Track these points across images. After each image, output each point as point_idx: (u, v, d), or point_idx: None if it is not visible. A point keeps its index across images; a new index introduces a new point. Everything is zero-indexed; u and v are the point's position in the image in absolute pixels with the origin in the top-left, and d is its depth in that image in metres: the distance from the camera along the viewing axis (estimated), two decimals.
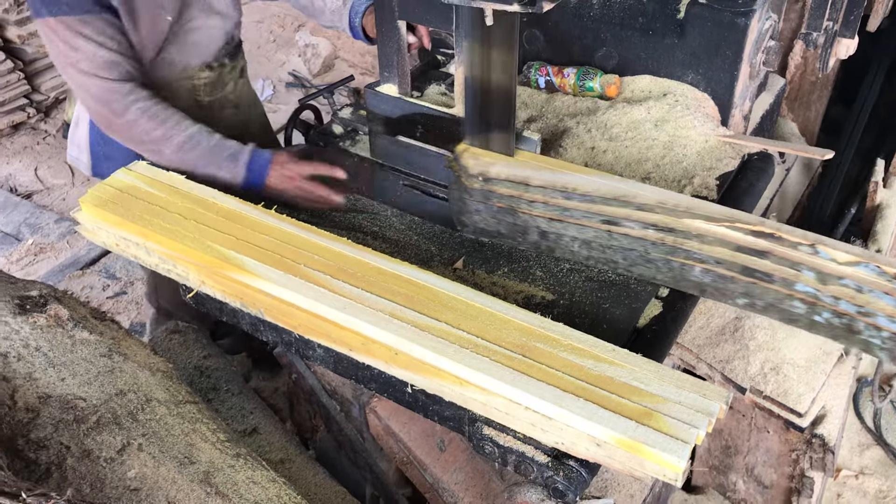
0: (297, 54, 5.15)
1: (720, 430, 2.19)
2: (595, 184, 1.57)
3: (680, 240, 1.50)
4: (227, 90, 2.21)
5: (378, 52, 1.87)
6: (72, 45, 1.77)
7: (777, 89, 2.52)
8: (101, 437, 1.37)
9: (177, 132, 1.85)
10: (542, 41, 2.28)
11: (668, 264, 1.53)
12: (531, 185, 1.60)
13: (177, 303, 2.45)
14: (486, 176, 1.65)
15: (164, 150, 1.86)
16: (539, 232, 1.62)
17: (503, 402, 1.34)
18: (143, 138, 1.86)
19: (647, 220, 1.52)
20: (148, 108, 1.84)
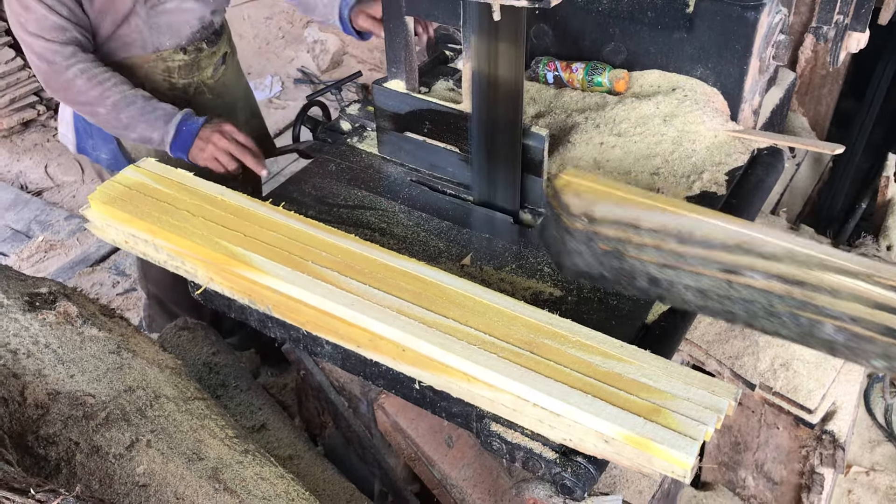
0: (306, 50, 5.15)
1: (730, 426, 2.18)
2: (714, 228, 1.38)
3: (810, 293, 1.30)
4: (205, 75, 2.24)
5: (385, 48, 1.87)
6: (24, 5, 1.86)
7: (787, 83, 2.50)
8: (109, 434, 1.38)
9: (113, 93, 1.93)
10: (550, 36, 2.27)
11: (795, 319, 1.33)
12: (642, 227, 1.42)
13: (166, 288, 2.47)
14: (590, 216, 1.45)
15: (99, 109, 1.95)
16: (649, 278, 1.43)
17: (511, 398, 1.33)
18: (80, 98, 1.95)
19: (773, 270, 1.33)
20: (87, 69, 1.92)
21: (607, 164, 1.93)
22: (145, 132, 1.97)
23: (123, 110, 1.94)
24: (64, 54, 1.91)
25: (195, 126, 1.97)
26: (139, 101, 1.96)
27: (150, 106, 1.96)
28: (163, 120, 1.96)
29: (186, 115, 1.99)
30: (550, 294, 1.62)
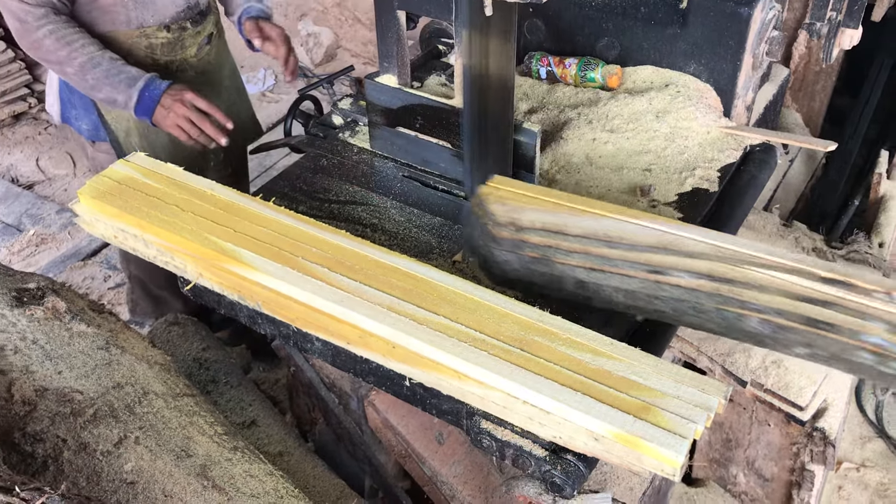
0: (300, 44, 5.12)
1: (721, 423, 2.18)
2: (641, 230, 1.41)
3: (737, 290, 1.34)
4: (188, 54, 2.24)
5: (377, 43, 1.85)
6: None
7: (781, 80, 2.50)
8: (97, 431, 1.37)
9: (80, 54, 1.97)
10: (543, 31, 2.26)
11: (721, 314, 1.37)
12: (568, 232, 1.44)
13: (149, 271, 2.47)
14: (517, 224, 1.48)
15: (67, 69, 2.01)
16: (576, 282, 1.45)
17: (501, 395, 1.33)
18: (49, 57, 2.00)
19: (700, 269, 1.36)
20: (57, 29, 1.96)
21: (599, 161, 1.92)
22: (110, 94, 2.02)
23: (90, 71, 1.99)
24: (35, 15, 1.95)
25: (157, 92, 2.01)
26: (105, 63, 2.00)
27: (116, 69, 2.00)
28: (126, 84, 2.00)
29: (149, 80, 2.02)
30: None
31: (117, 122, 2.20)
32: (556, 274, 1.46)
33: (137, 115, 2.04)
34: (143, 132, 2.23)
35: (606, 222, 1.43)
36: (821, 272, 1.33)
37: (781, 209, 2.62)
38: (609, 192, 1.84)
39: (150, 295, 2.63)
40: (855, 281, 1.31)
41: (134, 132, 2.23)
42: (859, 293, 1.30)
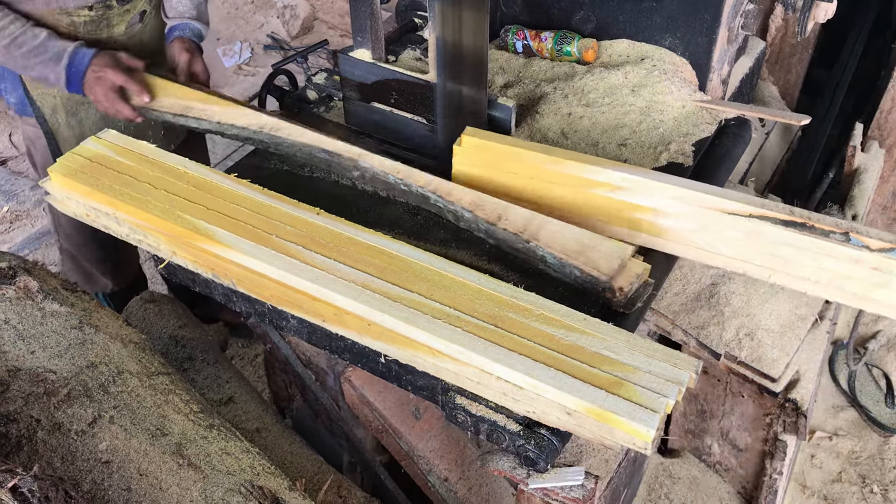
0: (276, 16, 5.06)
1: (696, 394, 2.21)
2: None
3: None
4: (116, 32, 2.16)
5: (350, 17, 1.83)
6: None
7: (757, 53, 2.50)
8: (71, 410, 1.36)
9: (3, 34, 1.92)
10: (519, 4, 2.25)
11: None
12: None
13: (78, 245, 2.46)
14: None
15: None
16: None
17: (475, 371, 1.34)
18: None
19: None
20: None
21: (575, 135, 1.92)
22: (41, 73, 1.98)
23: (16, 50, 1.94)
24: None
25: (82, 68, 1.96)
26: (29, 41, 1.94)
27: (42, 46, 1.95)
28: (52, 61, 1.96)
29: (72, 55, 1.96)
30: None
31: (43, 98, 2.16)
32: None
33: (70, 91, 2.00)
34: (72, 109, 2.20)
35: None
36: (782, 216, 1.47)
37: (757, 182, 2.63)
38: None
39: (79, 268, 2.58)
40: (814, 222, 1.45)
41: (61, 109, 2.19)
42: (818, 235, 1.44)
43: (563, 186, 1.62)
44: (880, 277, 1.42)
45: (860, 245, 1.42)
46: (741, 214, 1.49)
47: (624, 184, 1.57)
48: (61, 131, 2.22)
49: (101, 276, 2.57)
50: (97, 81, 1.94)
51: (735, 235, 1.51)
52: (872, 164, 2.59)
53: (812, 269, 1.48)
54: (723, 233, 1.51)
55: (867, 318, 3.00)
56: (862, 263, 1.42)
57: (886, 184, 2.92)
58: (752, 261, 1.53)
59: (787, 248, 1.48)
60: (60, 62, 1.95)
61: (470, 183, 1.69)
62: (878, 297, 1.44)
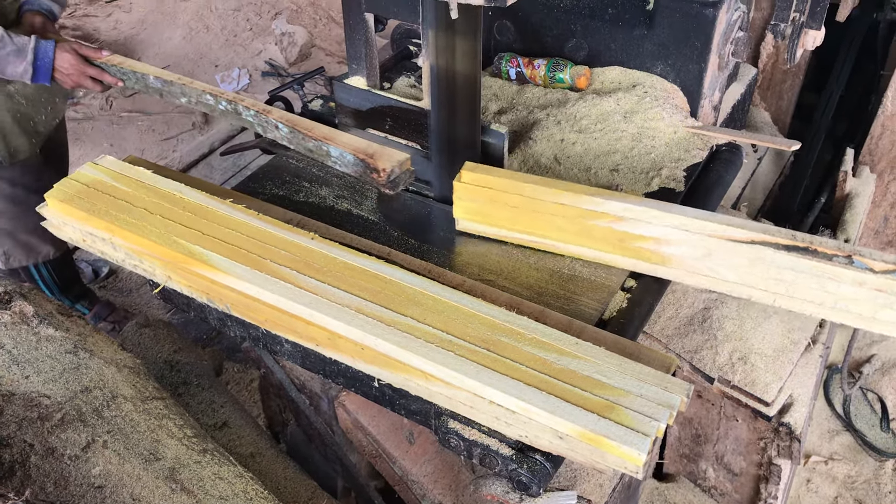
0: (274, 42, 5.11)
1: (690, 418, 2.21)
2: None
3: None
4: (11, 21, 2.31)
5: (346, 45, 1.86)
6: None
7: (748, 79, 2.53)
8: (65, 435, 1.36)
9: None
10: (512, 32, 2.28)
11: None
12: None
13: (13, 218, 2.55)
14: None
15: None
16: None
17: (468, 395, 1.34)
18: None
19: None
20: None
21: (568, 161, 1.94)
22: (2, 67, 2.10)
23: None
24: None
25: (48, 60, 2.11)
26: None
27: (1, 42, 2.07)
28: (14, 55, 2.08)
29: (35, 48, 2.10)
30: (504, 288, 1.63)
31: None
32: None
33: (34, 82, 2.14)
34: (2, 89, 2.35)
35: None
36: (785, 241, 1.50)
37: (749, 207, 2.65)
38: None
39: (20, 243, 2.65)
40: (816, 246, 1.48)
41: None
42: (821, 258, 1.46)
43: (565, 218, 1.63)
44: (885, 299, 1.43)
45: (864, 268, 1.44)
46: (744, 241, 1.50)
47: (625, 214, 1.58)
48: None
49: (43, 244, 2.68)
50: (71, 67, 2.12)
51: (739, 262, 1.52)
52: (864, 189, 2.62)
53: (816, 293, 1.49)
54: (727, 259, 1.53)
55: (861, 341, 3.01)
56: (866, 286, 1.44)
57: (878, 208, 2.94)
58: (756, 286, 1.54)
59: (790, 272, 1.49)
60: (25, 57, 2.08)
61: (472, 217, 1.72)
62: (883, 318, 1.46)
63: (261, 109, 1.89)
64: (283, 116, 1.88)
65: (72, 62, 2.13)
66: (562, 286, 1.63)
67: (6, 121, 2.39)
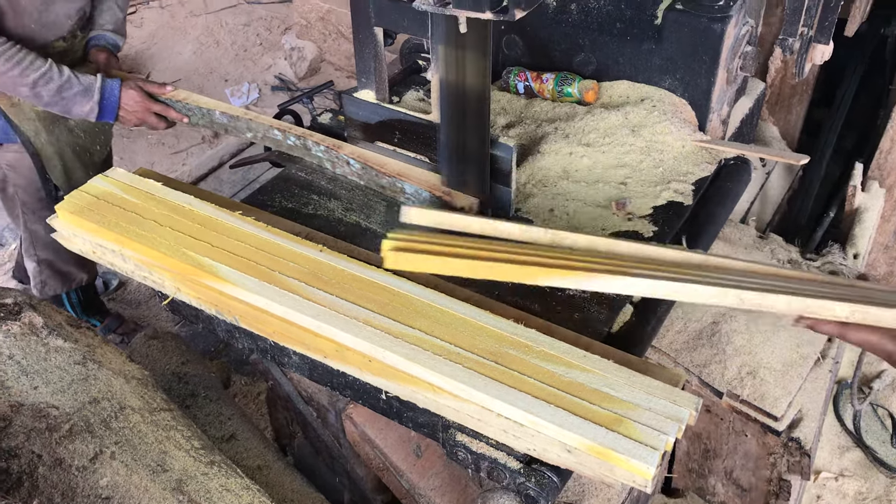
0: (284, 57, 5.14)
1: (699, 433, 2.20)
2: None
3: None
4: (77, 57, 2.38)
5: (355, 59, 1.87)
6: None
7: (757, 93, 2.53)
8: (73, 446, 1.37)
9: (31, 70, 2.07)
10: (521, 46, 2.29)
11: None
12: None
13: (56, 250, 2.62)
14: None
15: (20, 88, 2.10)
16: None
17: (476, 408, 1.34)
18: (1, 79, 2.07)
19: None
20: (4, 51, 2.04)
21: (576, 174, 1.94)
22: (68, 107, 2.14)
23: (43, 87, 2.09)
24: None
25: (114, 99, 2.16)
26: (56, 77, 2.10)
27: (69, 82, 2.11)
28: (81, 95, 2.13)
29: (101, 87, 2.15)
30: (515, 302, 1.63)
31: (25, 123, 2.31)
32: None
33: (99, 120, 2.19)
34: (49, 128, 2.36)
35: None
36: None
37: (758, 221, 2.65)
38: (585, 205, 1.86)
39: (57, 273, 2.73)
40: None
41: (42, 130, 2.34)
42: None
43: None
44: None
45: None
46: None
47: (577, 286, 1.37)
48: (44, 150, 2.37)
49: (78, 272, 2.78)
50: (136, 106, 2.16)
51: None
52: (873, 204, 2.61)
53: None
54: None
55: (871, 357, 2.99)
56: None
57: (887, 223, 2.93)
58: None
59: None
60: (91, 96, 2.12)
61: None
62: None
63: (331, 145, 1.90)
64: (355, 152, 1.89)
65: (137, 100, 2.17)
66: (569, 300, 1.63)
67: (67, 154, 2.45)
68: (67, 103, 2.13)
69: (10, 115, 2.27)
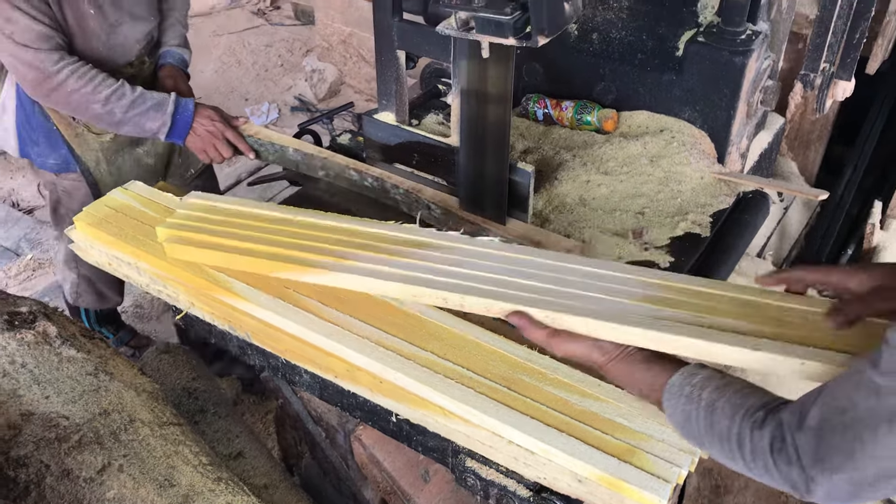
0: (304, 79, 5.18)
1: (710, 468, 2.17)
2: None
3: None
4: (146, 83, 2.31)
5: (377, 81, 1.88)
6: (7, 17, 1.93)
7: (776, 128, 2.53)
8: (81, 457, 1.36)
9: (103, 87, 2.03)
10: (541, 74, 2.29)
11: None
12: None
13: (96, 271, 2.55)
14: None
15: (93, 106, 2.05)
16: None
17: (486, 434, 1.33)
18: (72, 98, 2.03)
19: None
20: (76, 69, 2.01)
21: (593, 202, 1.94)
22: (140, 123, 2.08)
23: (116, 104, 2.04)
24: (53, 59, 1.99)
25: (188, 115, 2.09)
26: (128, 93, 2.06)
27: (141, 98, 2.07)
28: (154, 110, 2.07)
29: (175, 102, 2.09)
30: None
31: (88, 153, 2.30)
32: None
33: (168, 140, 2.11)
34: (111, 159, 2.35)
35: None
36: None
37: (775, 256, 2.63)
38: (602, 233, 1.85)
39: (94, 290, 2.74)
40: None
41: (102, 160, 2.33)
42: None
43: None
44: None
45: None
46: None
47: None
48: (104, 180, 2.35)
49: (113, 295, 2.79)
50: (207, 132, 2.09)
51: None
52: (891, 243, 2.59)
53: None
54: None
55: None
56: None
57: None
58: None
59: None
60: (165, 111, 2.07)
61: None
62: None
63: (410, 188, 1.87)
64: (436, 196, 1.86)
65: (213, 118, 2.10)
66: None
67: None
68: (140, 119, 2.07)
69: (73, 144, 2.26)
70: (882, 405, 0.87)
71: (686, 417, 1.12)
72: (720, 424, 1.06)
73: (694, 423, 1.11)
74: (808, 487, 0.94)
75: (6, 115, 2.29)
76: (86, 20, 2.08)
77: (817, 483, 0.93)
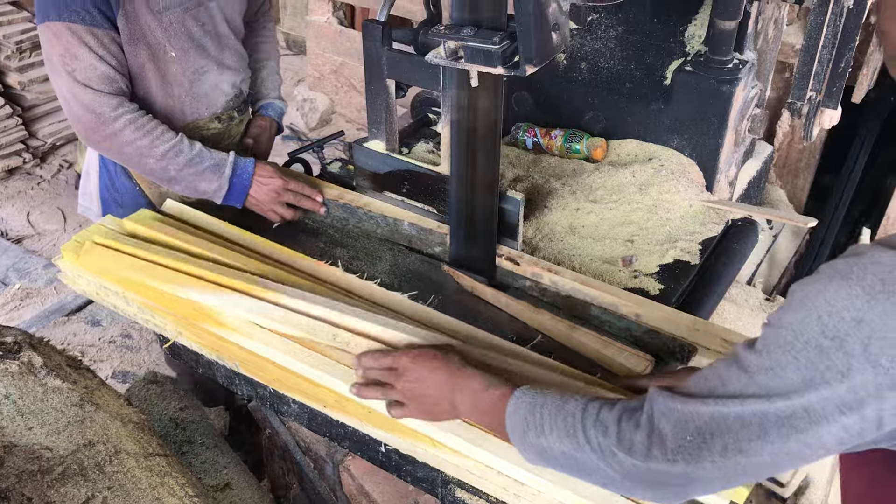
0: (296, 108, 5.20)
1: None
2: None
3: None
4: (233, 143, 2.22)
5: (367, 109, 1.89)
6: (73, 53, 1.78)
7: (764, 156, 2.55)
8: (65, 490, 1.34)
9: (161, 142, 1.87)
10: (530, 103, 2.31)
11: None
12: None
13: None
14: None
15: (147, 160, 1.88)
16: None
17: (476, 465, 1.32)
18: (127, 149, 1.87)
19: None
20: (135, 119, 1.86)
21: (582, 230, 1.94)
22: (194, 183, 1.92)
23: (172, 161, 1.88)
24: (112, 104, 1.84)
25: (246, 177, 1.94)
26: (186, 150, 1.90)
27: (199, 156, 1.91)
28: (211, 171, 1.91)
29: (234, 164, 1.94)
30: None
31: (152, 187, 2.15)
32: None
33: (225, 203, 1.96)
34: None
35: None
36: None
37: (765, 283, 2.63)
38: (591, 261, 1.85)
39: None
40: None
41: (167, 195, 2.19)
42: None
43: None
44: None
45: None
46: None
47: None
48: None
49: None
50: (267, 190, 1.95)
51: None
52: None
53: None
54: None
55: None
56: None
57: None
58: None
59: None
60: (222, 172, 1.92)
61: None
62: None
63: (541, 269, 1.75)
64: (557, 282, 1.73)
65: (272, 174, 1.96)
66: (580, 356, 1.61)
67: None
68: (194, 179, 1.91)
69: (136, 177, 2.12)
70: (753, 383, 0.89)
71: (530, 409, 1.13)
72: (568, 405, 1.08)
73: (538, 413, 1.11)
74: (648, 452, 0.95)
75: (90, 183, 2.16)
76: (168, 65, 1.95)
77: (667, 446, 0.94)
